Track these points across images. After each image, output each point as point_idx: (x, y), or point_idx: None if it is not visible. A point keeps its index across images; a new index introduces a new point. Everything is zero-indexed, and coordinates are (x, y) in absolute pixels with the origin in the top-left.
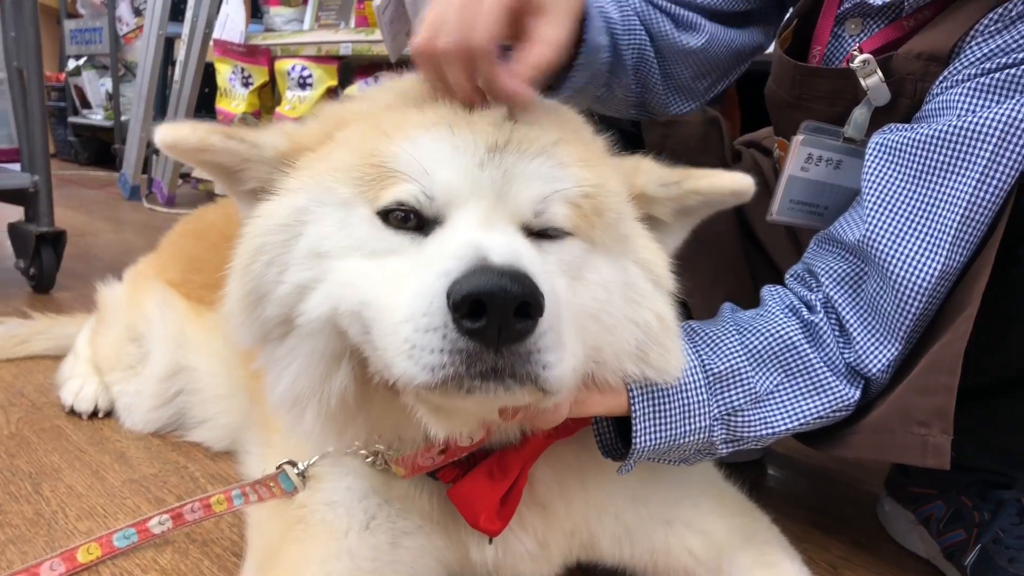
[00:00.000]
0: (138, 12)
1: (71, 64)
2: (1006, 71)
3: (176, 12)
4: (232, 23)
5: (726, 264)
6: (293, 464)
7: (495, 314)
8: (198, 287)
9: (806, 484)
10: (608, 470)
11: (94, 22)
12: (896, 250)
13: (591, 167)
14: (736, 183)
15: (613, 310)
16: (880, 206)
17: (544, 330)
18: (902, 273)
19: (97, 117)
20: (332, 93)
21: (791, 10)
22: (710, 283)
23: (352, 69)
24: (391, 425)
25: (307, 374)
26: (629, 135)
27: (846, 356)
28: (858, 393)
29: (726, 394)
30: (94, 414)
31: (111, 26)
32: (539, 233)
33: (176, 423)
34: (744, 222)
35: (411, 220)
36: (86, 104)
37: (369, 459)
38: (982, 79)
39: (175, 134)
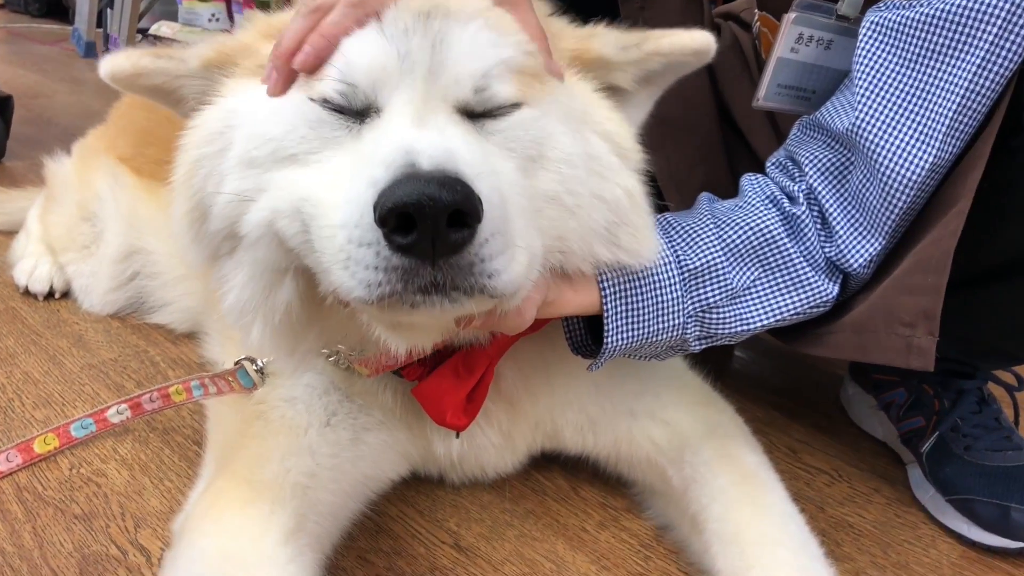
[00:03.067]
0: None
1: None
2: None
3: None
4: None
5: (703, 151)
6: (252, 360)
7: (426, 226)
8: (151, 162)
9: (771, 365)
10: (574, 364)
11: None
12: (886, 139)
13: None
14: (698, 41)
15: (578, 187)
16: (872, 92)
17: (485, 237)
18: (891, 164)
19: None
20: None
21: None
22: (687, 171)
23: None
24: (352, 333)
25: (251, 287)
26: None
27: (827, 250)
28: (837, 288)
29: (701, 290)
30: (50, 295)
31: None
32: (483, 113)
33: (135, 305)
34: (722, 106)
35: (345, 111)
36: None
37: (332, 358)
38: None
39: (112, 65)
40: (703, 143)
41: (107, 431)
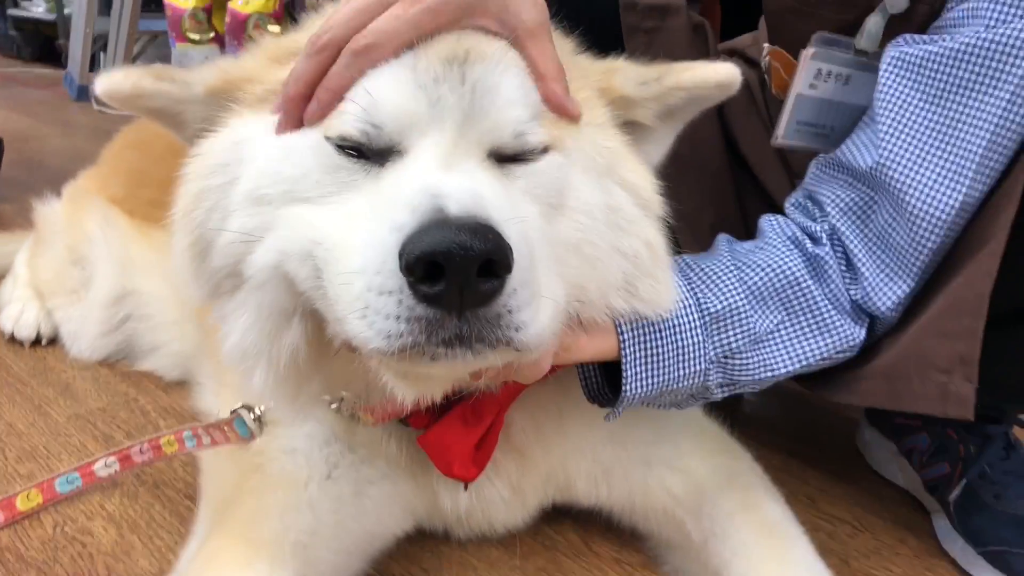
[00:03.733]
0: None
1: None
2: None
3: None
4: None
5: (713, 189)
6: (249, 409)
7: (455, 276)
8: (144, 203)
9: (781, 408)
10: (588, 411)
11: None
12: (913, 177)
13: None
14: (721, 74)
15: (597, 239)
16: (896, 128)
17: (514, 287)
18: (918, 203)
19: (39, 10)
20: None
21: None
22: (697, 210)
23: None
24: (358, 379)
25: (255, 329)
26: (604, 35)
27: (852, 292)
28: (864, 332)
29: (723, 335)
30: (36, 341)
31: None
32: (511, 157)
33: (125, 351)
34: (731, 144)
35: (363, 150)
36: None
37: (334, 405)
38: None
39: (109, 83)
40: (713, 182)
41: (94, 485)
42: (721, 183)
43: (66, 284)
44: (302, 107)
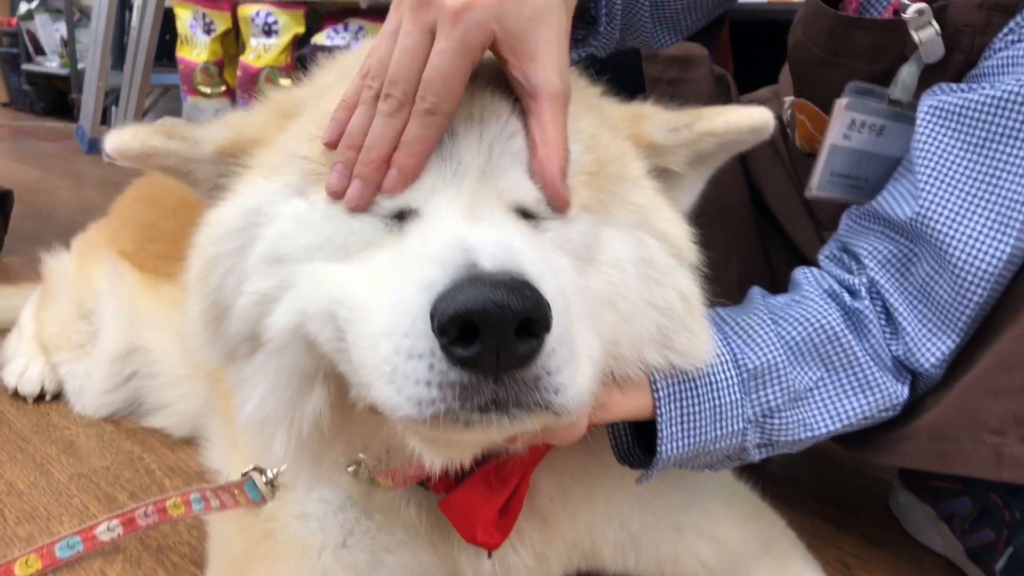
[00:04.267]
0: None
1: (23, 8)
2: None
3: None
4: None
5: (739, 239)
6: (261, 471)
7: (491, 338)
8: (154, 257)
9: (810, 467)
10: (616, 473)
11: None
12: (956, 229)
13: (593, 122)
14: (755, 118)
15: (630, 293)
16: (936, 179)
17: (552, 346)
18: (963, 256)
19: (52, 65)
20: (299, 41)
21: None
22: (723, 260)
23: (320, 15)
24: (378, 441)
25: (275, 395)
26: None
27: (893, 348)
28: (907, 390)
29: (762, 392)
30: (40, 397)
31: None
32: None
33: (131, 407)
34: (756, 195)
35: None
36: (40, 50)
37: (351, 468)
38: None
39: (119, 141)
40: (738, 233)
41: (96, 550)
42: (747, 234)
43: (72, 338)
44: (383, 171)
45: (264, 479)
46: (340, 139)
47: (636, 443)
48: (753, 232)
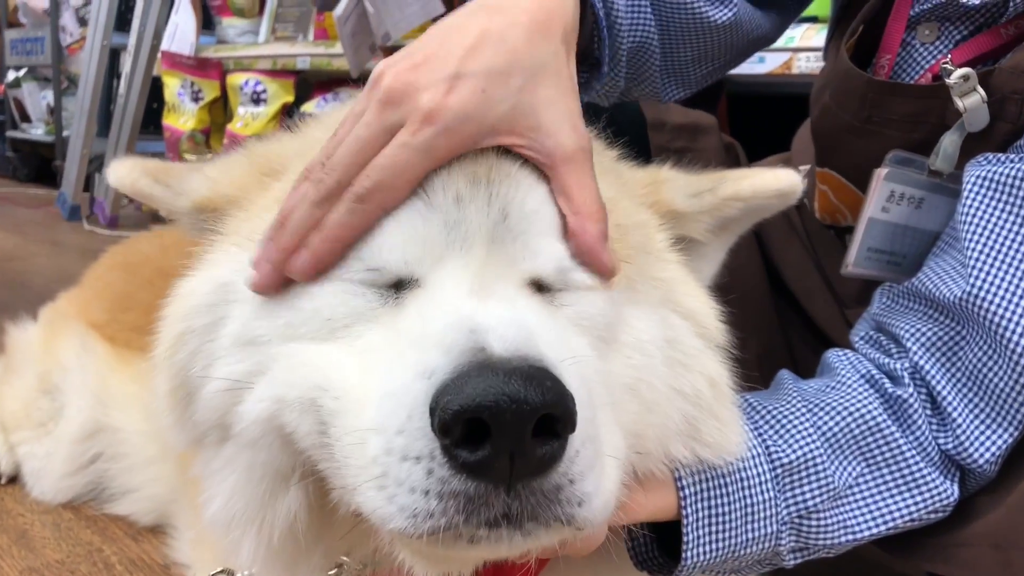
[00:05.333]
0: (83, 22)
1: (11, 75)
2: None
3: (122, 22)
4: (182, 34)
5: (755, 321)
6: (229, 574)
7: (504, 439)
8: (127, 329)
9: (832, 563)
10: None
11: (36, 31)
12: (1012, 309)
13: (612, 185)
14: (783, 182)
15: (655, 379)
16: (987, 255)
17: (576, 448)
18: (1020, 338)
19: (38, 132)
20: (288, 110)
21: (855, 15)
22: (739, 343)
23: (310, 84)
24: (365, 544)
25: (245, 494)
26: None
27: (941, 441)
28: (957, 489)
29: (798, 490)
30: None
31: (53, 36)
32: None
33: (93, 492)
34: (772, 271)
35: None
36: (26, 118)
37: (331, 572)
38: None
39: (117, 174)
40: (755, 312)
41: None
42: (764, 313)
43: (33, 416)
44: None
45: None
46: None
47: (656, 546)
48: (771, 310)
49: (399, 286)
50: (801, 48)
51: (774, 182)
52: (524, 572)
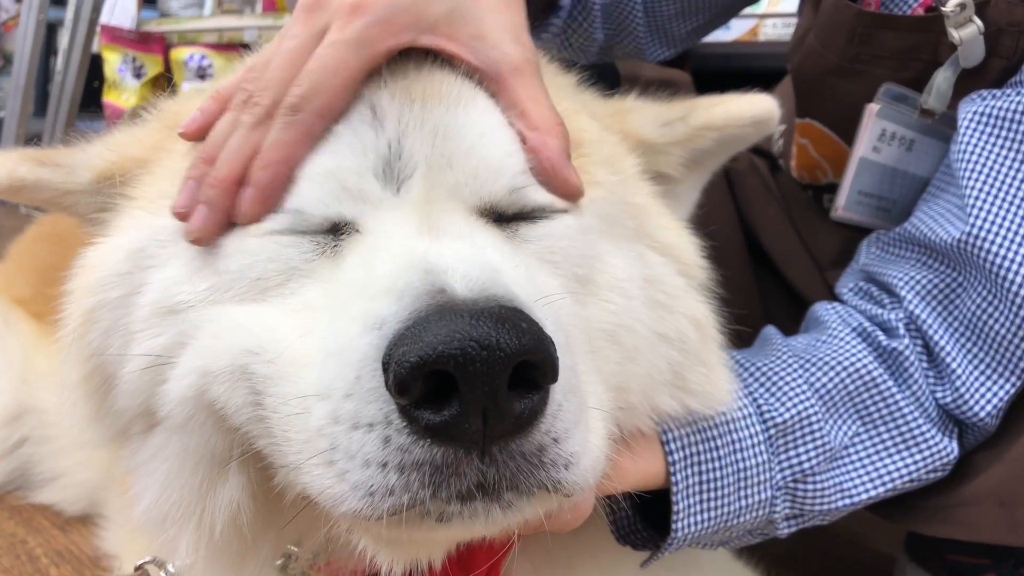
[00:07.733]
0: None
1: None
2: None
3: None
4: (122, 7)
5: (733, 287)
6: (159, 565)
7: (475, 393)
8: (54, 304)
9: (801, 538)
10: (603, 557)
11: None
12: (1013, 250)
13: (568, 103)
14: (757, 107)
15: (636, 324)
16: (988, 194)
17: (559, 402)
18: (1023, 280)
19: None
20: None
21: None
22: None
23: None
24: (316, 530)
25: (178, 485)
26: None
27: (939, 395)
28: (956, 445)
29: (792, 452)
30: None
31: None
32: (513, 216)
33: (17, 481)
34: (750, 235)
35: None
36: None
37: (279, 562)
38: None
39: None
40: (732, 278)
41: None
42: (742, 278)
43: None
44: (233, 194)
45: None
46: (199, 133)
47: (638, 518)
48: (749, 275)
49: (336, 231)
50: (768, 14)
51: (748, 108)
52: (490, 552)
